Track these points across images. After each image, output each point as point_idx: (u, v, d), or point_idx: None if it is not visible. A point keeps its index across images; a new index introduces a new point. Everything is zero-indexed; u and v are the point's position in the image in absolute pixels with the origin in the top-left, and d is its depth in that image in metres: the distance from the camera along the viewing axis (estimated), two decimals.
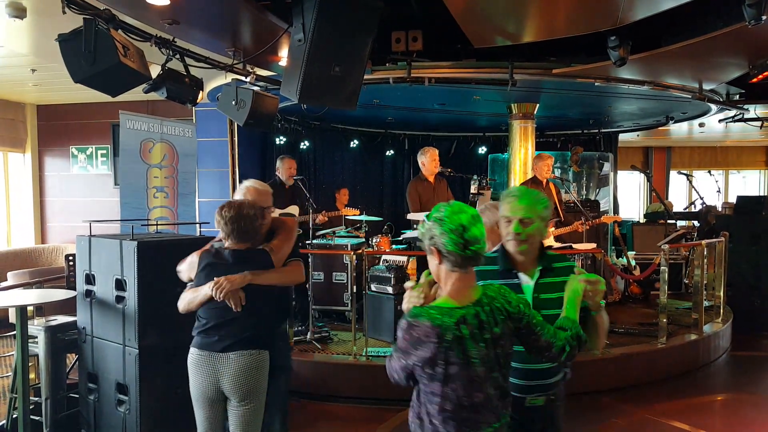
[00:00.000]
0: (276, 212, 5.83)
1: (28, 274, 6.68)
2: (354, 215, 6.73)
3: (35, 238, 8.60)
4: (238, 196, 3.06)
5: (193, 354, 2.77)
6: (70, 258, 4.50)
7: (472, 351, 1.72)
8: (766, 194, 13.24)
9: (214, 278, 2.70)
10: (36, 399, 3.89)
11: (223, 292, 2.67)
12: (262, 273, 2.79)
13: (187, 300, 2.79)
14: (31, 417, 3.67)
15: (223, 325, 2.74)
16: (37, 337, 3.78)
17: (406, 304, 1.88)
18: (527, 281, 2.16)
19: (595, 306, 2.03)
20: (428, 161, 5.91)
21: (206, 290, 2.71)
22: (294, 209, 6.00)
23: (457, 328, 1.71)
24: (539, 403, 2.17)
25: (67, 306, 3.91)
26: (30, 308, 3.86)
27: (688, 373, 5.42)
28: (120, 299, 3.52)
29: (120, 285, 3.52)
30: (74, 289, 3.94)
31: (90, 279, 3.73)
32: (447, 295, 1.79)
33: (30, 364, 3.84)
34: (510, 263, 2.18)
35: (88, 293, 3.73)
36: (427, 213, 1.86)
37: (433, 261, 1.81)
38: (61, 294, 3.91)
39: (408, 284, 1.93)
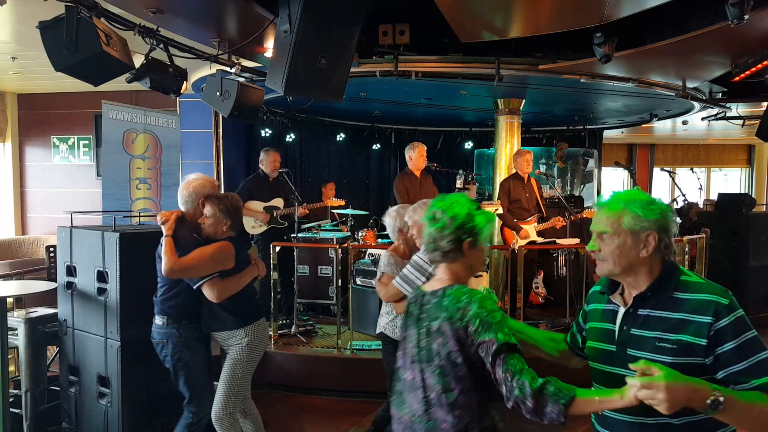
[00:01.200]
0: (260, 205, 5.87)
1: (8, 265, 6.58)
2: (339, 205, 6.72)
3: (15, 228, 8.47)
4: (202, 189, 3.20)
5: (263, 323, 3.24)
6: (51, 249, 4.44)
7: (410, 329, 1.88)
8: (746, 192, 13.45)
9: (252, 262, 3.21)
10: (16, 392, 3.84)
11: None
12: None
13: (233, 286, 3.06)
14: (11, 410, 3.62)
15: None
16: (17, 329, 3.73)
17: None
18: (621, 308, 1.72)
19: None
20: (416, 156, 5.93)
21: (254, 272, 3.18)
22: (278, 202, 5.97)
23: (413, 302, 1.91)
24: None
25: (47, 298, 3.87)
26: (9, 299, 3.81)
27: None
28: (102, 291, 3.49)
29: (102, 277, 3.49)
30: (55, 280, 3.90)
31: (71, 270, 3.69)
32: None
33: (10, 356, 3.79)
34: (612, 284, 1.76)
35: (70, 285, 3.69)
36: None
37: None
38: (41, 285, 3.86)
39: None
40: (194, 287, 3.02)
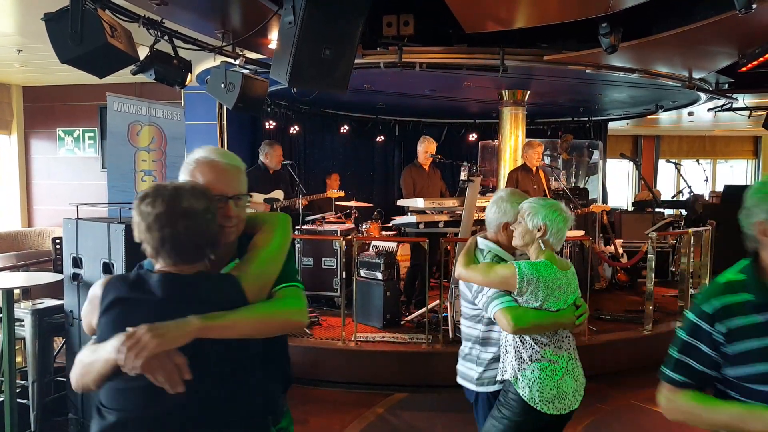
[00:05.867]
0: (260, 197, 5.87)
1: (14, 257, 6.62)
2: (339, 196, 6.73)
3: (21, 221, 8.51)
4: (184, 176, 1.68)
5: None
6: (57, 241, 4.46)
7: None
8: (752, 183, 13.37)
9: (126, 329, 1.36)
10: (23, 382, 3.87)
11: (138, 357, 1.32)
12: (221, 316, 1.43)
13: (81, 370, 1.44)
14: (18, 400, 3.65)
15: (150, 423, 1.41)
16: (23, 321, 3.76)
17: None
18: None
19: None
20: (419, 150, 6.01)
21: (107, 353, 1.36)
22: (278, 194, 5.97)
23: None
24: None
25: (54, 289, 3.89)
26: (16, 291, 3.83)
27: None
28: None
29: (108, 268, 3.50)
30: (61, 272, 3.92)
31: (77, 262, 3.70)
32: None
33: (17, 347, 3.82)
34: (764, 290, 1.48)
35: (76, 276, 3.71)
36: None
37: None
38: (48, 277, 3.88)
39: None
40: None
